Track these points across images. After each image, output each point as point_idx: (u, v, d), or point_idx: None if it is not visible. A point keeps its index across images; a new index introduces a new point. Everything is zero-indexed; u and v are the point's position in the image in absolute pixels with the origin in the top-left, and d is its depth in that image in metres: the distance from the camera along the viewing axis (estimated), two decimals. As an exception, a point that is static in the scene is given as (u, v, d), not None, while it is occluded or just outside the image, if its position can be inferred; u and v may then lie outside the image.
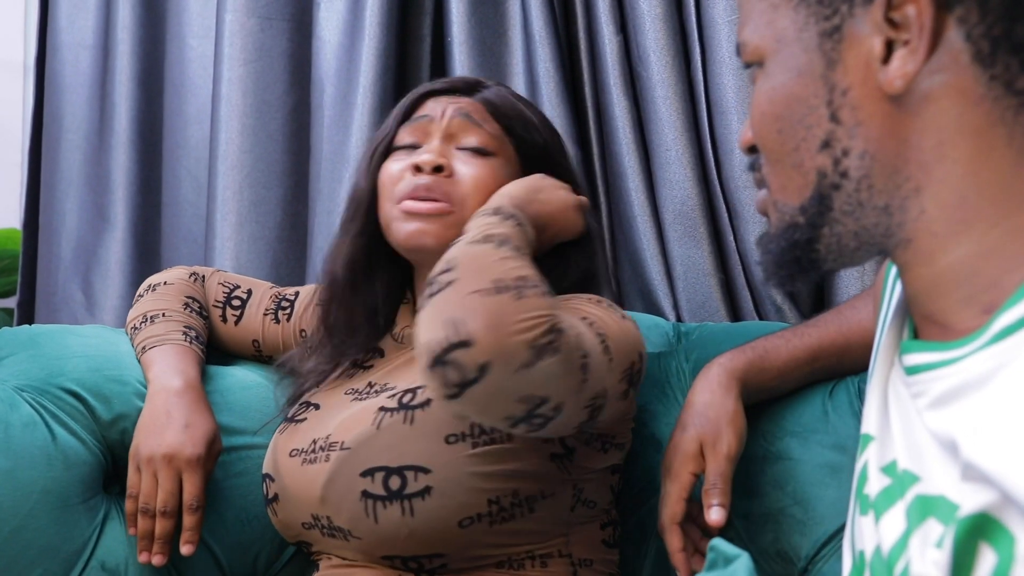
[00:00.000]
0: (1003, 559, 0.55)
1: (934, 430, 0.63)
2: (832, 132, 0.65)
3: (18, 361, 1.17)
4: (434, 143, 1.08)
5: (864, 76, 0.63)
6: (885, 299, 0.79)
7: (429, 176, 1.05)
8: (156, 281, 1.26)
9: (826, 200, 0.66)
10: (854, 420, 1.05)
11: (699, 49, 1.42)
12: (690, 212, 1.41)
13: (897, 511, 0.65)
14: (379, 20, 1.53)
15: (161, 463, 1.07)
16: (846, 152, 0.64)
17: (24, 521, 1.07)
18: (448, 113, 1.09)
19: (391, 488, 0.96)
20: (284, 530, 1.10)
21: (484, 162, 1.07)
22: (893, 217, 0.65)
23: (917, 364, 0.67)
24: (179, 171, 1.72)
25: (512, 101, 1.13)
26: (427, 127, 1.10)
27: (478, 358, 0.80)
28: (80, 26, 1.79)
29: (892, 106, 0.63)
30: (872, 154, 0.64)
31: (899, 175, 0.64)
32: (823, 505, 1.04)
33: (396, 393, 1.03)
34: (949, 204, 0.63)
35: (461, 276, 0.84)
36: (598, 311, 0.99)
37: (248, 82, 1.61)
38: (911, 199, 0.64)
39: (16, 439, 1.09)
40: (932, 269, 0.65)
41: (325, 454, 1.02)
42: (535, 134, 1.11)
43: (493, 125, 1.09)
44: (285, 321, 1.25)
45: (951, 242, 0.64)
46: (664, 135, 1.42)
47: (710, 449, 1.02)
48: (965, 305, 0.64)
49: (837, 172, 0.65)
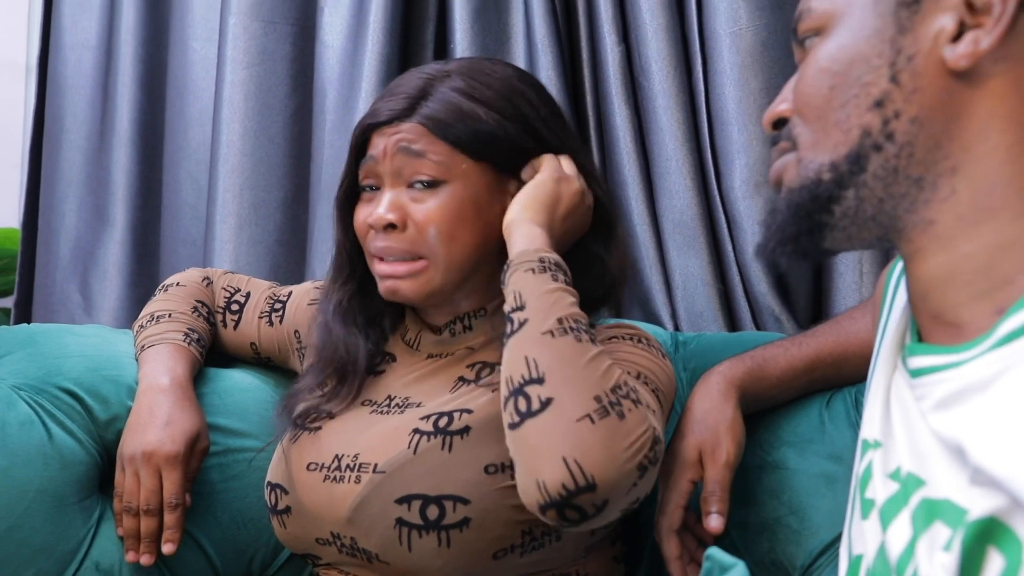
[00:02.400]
0: (1011, 563, 0.56)
1: (939, 433, 0.63)
2: (888, 93, 0.66)
3: (16, 360, 1.17)
4: (385, 193, 1.02)
5: (931, 48, 0.65)
6: (886, 305, 0.80)
7: (386, 235, 1.02)
8: (170, 282, 1.27)
9: (862, 160, 0.67)
10: (851, 430, 1.05)
11: (700, 60, 1.43)
12: (689, 222, 1.42)
13: (903, 518, 0.66)
14: (382, 26, 1.54)
15: (141, 461, 1.07)
16: (897, 114, 0.65)
17: (19, 520, 1.06)
18: (390, 147, 1.02)
19: (428, 518, 0.94)
20: (292, 542, 1.07)
21: (437, 196, 1.00)
22: (923, 192, 0.66)
23: (922, 367, 0.67)
24: (179, 173, 1.72)
25: (459, 107, 1.01)
26: (375, 168, 1.03)
27: (599, 499, 0.82)
28: (83, 27, 1.79)
29: (950, 81, 0.65)
30: (922, 122, 0.65)
31: (940, 150, 0.65)
32: (819, 515, 1.04)
33: (430, 415, 1.00)
34: (980, 190, 0.64)
35: (557, 395, 0.84)
36: (646, 359, 0.99)
37: (250, 85, 1.61)
38: (945, 177, 0.65)
39: (13, 438, 1.08)
40: (949, 257, 0.65)
41: (355, 474, 0.99)
42: (493, 131, 1.02)
43: (438, 148, 1.01)
44: (278, 323, 1.24)
45: (973, 229, 0.64)
46: (665, 145, 1.42)
47: (709, 457, 1.02)
48: (978, 301, 0.64)
49: (883, 133, 0.66)
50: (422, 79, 1.05)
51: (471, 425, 0.98)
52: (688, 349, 1.27)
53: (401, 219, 1.01)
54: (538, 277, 0.92)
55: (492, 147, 1.02)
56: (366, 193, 1.06)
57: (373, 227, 1.02)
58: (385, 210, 1.01)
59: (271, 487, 1.08)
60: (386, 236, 1.02)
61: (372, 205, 1.04)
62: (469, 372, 1.05)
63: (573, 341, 0.87)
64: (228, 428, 1.19)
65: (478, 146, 1.02)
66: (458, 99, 1.02)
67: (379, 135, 1.04)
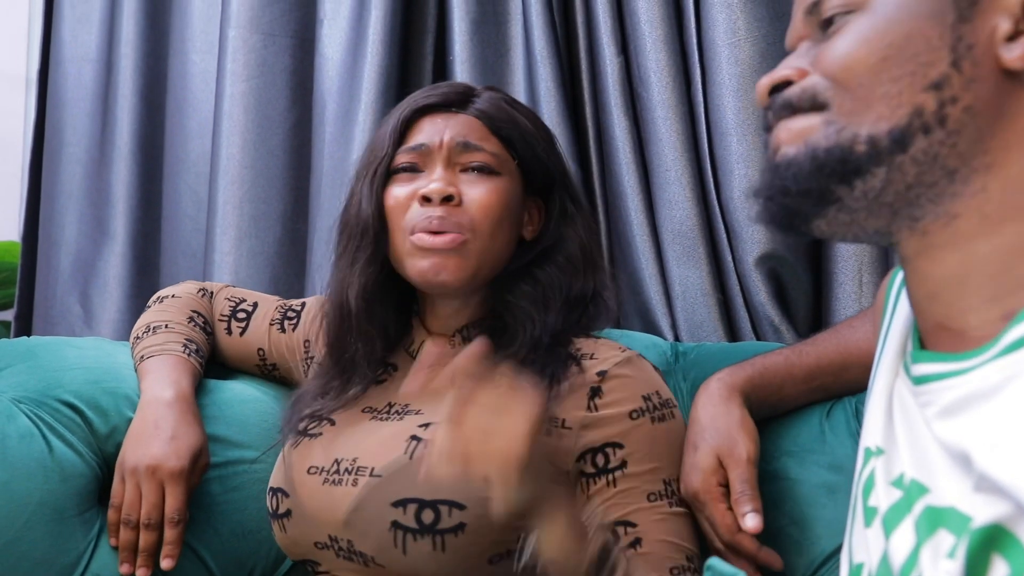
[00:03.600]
0: (1015, 570, 0.56)
1: (943, 440, 0.63)
2: (949, 76, 0.65)
3: (16, 373, 1.17)
4: (438, 169, 1.05)
5: (989, 42, 0.65)
6: (887, 313, 0.80)
7: (439, 207, 1.02)
8: (165, 294, 1.27)
9: (907, 140, 0.65)
10: (851, 440, 1.05)
11: (699, 71, 1.43)
12: (689, 232, 1.42)
13: (906, 527, 0.65)
14: (381, 38, 1.54)
15: (145, 474, 1.07)
16: (955, 100, 0.65)
17: (19, 533, 1.06)
18: (447, 138, 1.05)
19: (423, 522, 0.94)
20: (291, 546, 1.07)
21: (491, 183, 1.05)
22: (954, 184, 0.65)
23: (926, 374, 0.67)
24: (179, 186, 1.72)
25: (507, 110, 1.09)
26: (426, 155, 1.06)
27: None
28: (83, 40, 1.79)
29: (1003, 79, 0.65)
30: (975, 112, 0.65)
31: (982, 145, 0.65)
32: (820, 525, 1.04)
33: (428, 424, 1.01)
34: (1010, 190, 0.64)
35: None
36: (663, 448, 1.01)
37: (250, 98, 1.61)
38: (979, 173, 0.65)
39: (13, 451, 1.08)
40: (965, 256, 0.65)
41: (352, 477, 1.00)
42: (533, 142, 1.09)
43: (493, 143, 1.06)
44: (291, 331, 1.23)
45: (994, 230, 0.64)
46: (664, 155, 1.43)
47: (729, 458, 1.00)
48: (988, 305, 0.64)
49: (937, 116, 0.65)
50: (464, 85, 1.12)
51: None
52: (688, 359, 1.27)
53: (459, 194, 1.04)
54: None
55: (533, 156, 1.08)
56: (402, 174, 1.07)
57: (428, 198, 1.02)
58: (443, 184, 1.03)
59: (272, 492, 1.08)
60: (440, 207, 1.02)
61: (417, 183, 1.05)
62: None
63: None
64: (228, 439, 1.19)
65: (523, 148, 1.08)
66: (505, 104, 1.09)
67: (430, 121, 1.07)
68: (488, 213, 1.03)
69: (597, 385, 1.01)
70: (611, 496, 0.99)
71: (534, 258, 1.08)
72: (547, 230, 1.10)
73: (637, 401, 1.01)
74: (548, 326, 1.05)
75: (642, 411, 1.01)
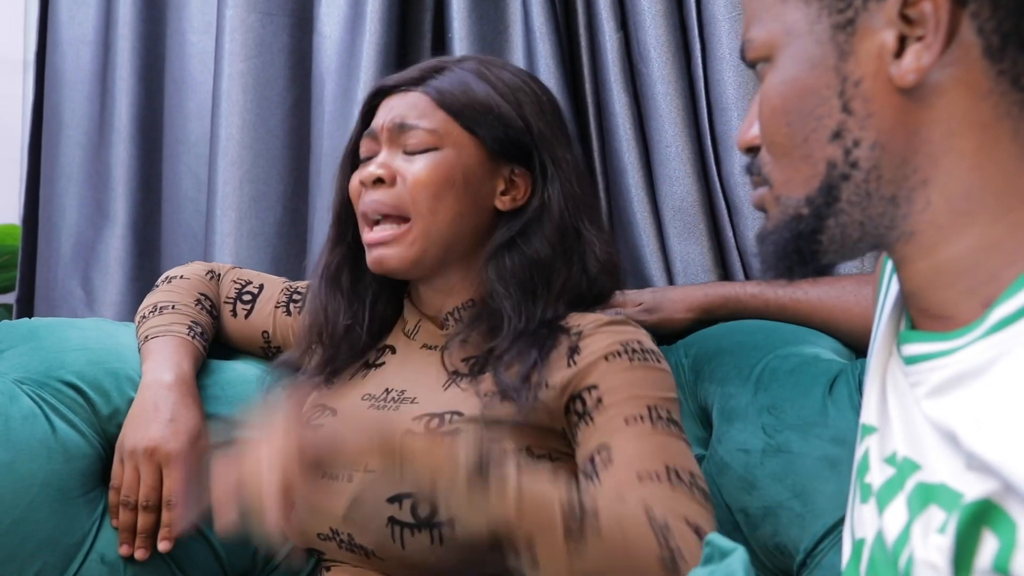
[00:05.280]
0: (1005, 544, 0.56)
1: (933, 419, 0.64)
2: (843, 122, 0.65)
3: (18, 354, 1.17)
4: (381, 154, 1.07)
5: (876, 68, 0.64)
6: (882, 291, 0.80)
7: (373, 190, 1.05)
8: (174, 274, 1.26)
9: (834, 191, 0.66)
10: (853, 413, 1.05)
11: (699, 45, 1.42)
12: (689, 208, 1.41)
13: (899, 502, 0.66)
14: (380, 16, 1.54)
15: (143, 456, 1.07)
16: (857, 143, 0.65)
17: (24, 513, 1.06)
18: (387, 122, 1.06)
19: (420, 516, 0.94)
20: (296, 537, 1.06)
21: (427, 158, 1.04)
22: (899, 208, 0.65)
23: (915, 354, 0.67)
24: (179, 167, 1.72)
25: (464, 80, 1.07)
26: (375, 139, 1.08)
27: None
28: (80, 22, 1.79)
29: (903, 98, 0.64)
30: (883, 144, 0.64)
31: (907, 166, 0.64)
32: (822, 498, 1.04)
33: (422, 416, 1.00)
34: (955, 196, 0.64)
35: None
36: (648, 379, 0.97)
37: (249, 78, 1.61)
38: (918, 191, 0.65)
39: (16, 432, 1.09)
40: (933, 262, 0.65)
41: (348, 473, 1.00)
42: (494, 108, 1.06)
43: (437, 117, 1.05)
44: (296, 314, 1.23)
45: (954, 235, 0.64)
46: (664, 131, 1.42)
47: None
48: (966, 298, 0.64)
49: (847, 162, 0.65)
50: (440, 61, 1.12)
51: (461, 428, 0.98)
52: (689, 337, 1.27)
53: (390, 175, 1.05)
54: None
55: (488, 122, 1.06)
56: (363, 164, 1.09)
57: (363, 183, 1.06)
58: (376, 167, 1.05)
59: None
60: (375, 191, 1.05)
61: (370, 167, 1.07)
62: (463, 366, 1.04)
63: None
64: (231, 419, 1.19)
65: (471, 115, 1.06)
66: (467, 75, 1.08)
67: (384, 104, 1.09)
68: (423, 188, 1.03)
69: (575, 344, 0.99)
70: (591, 435, 0.95)
71: (521, 228, 1.06)
72: (531, 197, 1.07)
73: (614, 346, 0.98)
74: (535, 308, 1.03)
75: (618, 353, 0.97)
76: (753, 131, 0.72)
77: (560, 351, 1.00)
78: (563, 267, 1.05)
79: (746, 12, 0.71)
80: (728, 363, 1.18)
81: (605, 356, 0.97)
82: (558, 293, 1.05)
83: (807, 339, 1.18)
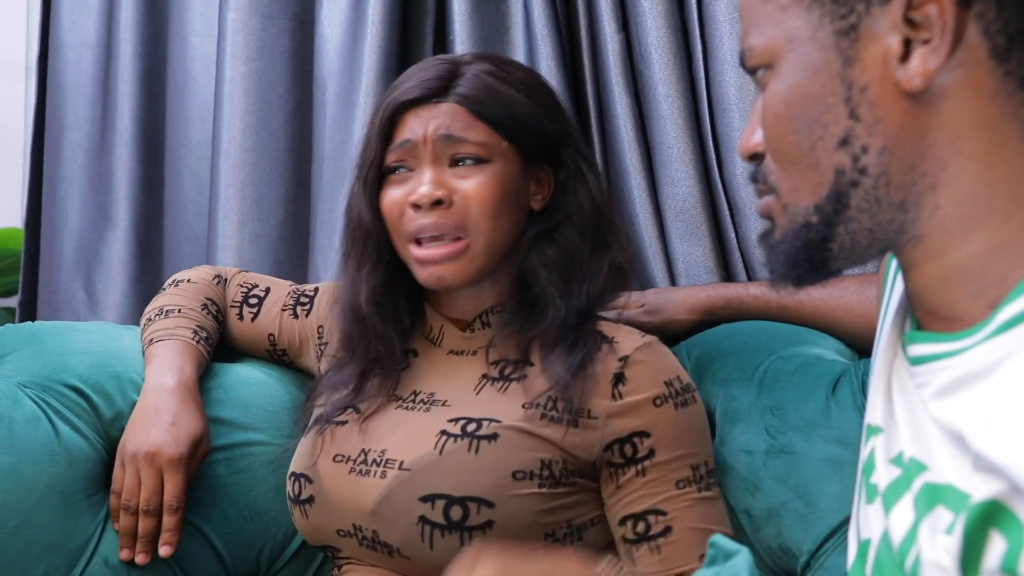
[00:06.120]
0: (1012, 545, 0.56)
1: (939, 420, 0.64)
2: (851, 129, 0.65)
3: (21, 357, 1.17)
4: (426, 169, 1.02)
5: (882, 74, 0.64)
6: (886, 292, 0.80)
7: (431, 212, 1.01)
8: (181, 278, 1.26)
9: (843, 198, 0.66)
10: (857, 414, 1.05)
11: (701, 47, 1.42)
12: (692, 209, 1.41)
13: (905, 503, 0.66)
14: (381, 18, 1.54)
15: (144, 461, 1.06)
16: (865, 149, 0.65)
17: (27, 517, 1.07)
18: (430, 134, 1.02)
19: (452, 518, 0.95)
20: (312, 532, 1.07)
21: (482, 174, 1.02)
22: (908, 213, 0.65)
23: (921, 355, 0.67)
24: (181, 170, 1.72)
25: (491, 87, 1.04)
26: (413, 152, 1.03)
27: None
28: (82, 25, 1.79)
29: (909, 102, 0.64)
30: (891, 150, 0.64)
31: (916, 171, 0.64)
32: (826, 499, 1.04)
33: (458, 419, 1.01)
34: (963, 200, 0.64)
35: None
36: (691, 438, 1.02)
37: (250, 80, 1.61)
38: (926, 195, 0.64)
39: (19, 435, 1.09)
40: (941, 265, 0.65)
41: (381, 469, 1.00)
42: (524, 114, 1.04)
43: (479, 129, 1.03)
44: (304, 316, 1.22)
45: (962, 238, 0.64)
46: (666, 133, 1.42)
47: None
48: (973, 300, 0.64)
49: (856, 169, 0.65)
50: (446, 62, 1.07)
51: (499, 433, 0.99)
52: (692, 338, 1.27)
53: (448, 195, 1.01)
54: None
55: (525, 129, 1.05)
56: (396, 175, 1.05)
57: (418, 205, 1.01)
58: (431, 188, 1.01)
59: (295, 477, 1.08)
60: (431, 213, 1.01)
61: (409, 184, 1.03)
62: (493, 369, 1.05)
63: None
64: (234, 422, 1.19)
65: (514, 127, 1.04)
66: (490, 80, 1.04)
67: (414, 116, 1.03)
68: (484, 208, 1.01)
69: (620, 372, 1.01)
70: (641, 486, 1.00)
71: (555, 223, 1.06)
72: (559, 193, 1.07)
73: (660, 387, 1.01)
74: (575, 297, 1.04)
75: (665, 397, 1.01)
76: (756, 138, 0.72)
77: (605, 366, 1.01)
78: (595, 257, 1.06)
79: (744, 19, 0.71)
80: (731, 364, 1.18)
81: (654, 400, 1.01)
82: (591, 282, 1.05)
83: (810, 340, 1.18)
